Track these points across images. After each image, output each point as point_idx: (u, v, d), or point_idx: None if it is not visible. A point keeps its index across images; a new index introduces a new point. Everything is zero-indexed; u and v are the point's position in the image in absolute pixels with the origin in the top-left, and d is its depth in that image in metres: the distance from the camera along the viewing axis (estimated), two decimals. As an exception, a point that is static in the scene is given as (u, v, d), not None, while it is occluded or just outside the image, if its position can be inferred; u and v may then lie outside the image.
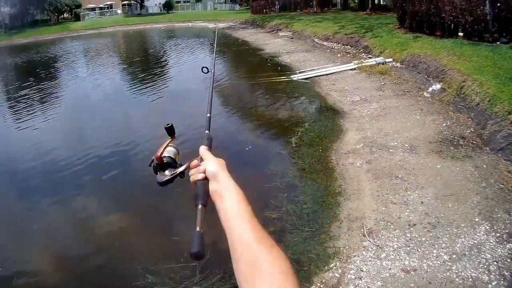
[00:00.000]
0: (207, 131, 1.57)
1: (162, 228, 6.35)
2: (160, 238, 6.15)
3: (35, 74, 21.42)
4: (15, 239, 6.56)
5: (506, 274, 4.16)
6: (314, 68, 14.71)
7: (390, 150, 7.11)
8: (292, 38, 25.57)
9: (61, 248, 6.23)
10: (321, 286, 4.73)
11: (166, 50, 30.88)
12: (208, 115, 1.66)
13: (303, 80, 13.50)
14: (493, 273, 4.21)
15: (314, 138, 8.14)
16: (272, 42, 25.20)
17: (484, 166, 6.05)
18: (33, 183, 8.28)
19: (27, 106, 14.55)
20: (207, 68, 2.06)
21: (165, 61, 25.01)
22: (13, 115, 13.79)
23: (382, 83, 11.46)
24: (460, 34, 12.97)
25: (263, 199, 6.46)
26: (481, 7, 11.94)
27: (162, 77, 18.47)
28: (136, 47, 36.76)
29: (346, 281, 4.67)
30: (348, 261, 4.93)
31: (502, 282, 4.09)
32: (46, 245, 6.35)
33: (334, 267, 4.90)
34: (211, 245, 5.74)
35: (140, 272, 5.36)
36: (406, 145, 7.18)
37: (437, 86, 9.93)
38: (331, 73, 13.61)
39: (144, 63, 24.04)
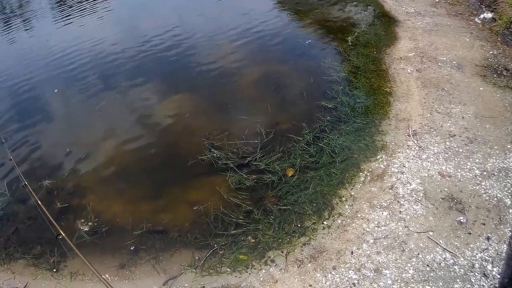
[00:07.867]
0: None
1: (227, 109, 6.24)
2: (224, 117, 6.08)
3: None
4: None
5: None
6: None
7: (439, 64, 6.68)
8: None
9: (134, 125, 6.27)
10: (368, 174, 4.76)
11: None
12: None
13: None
14: (516, 200, 4.10)
15: (369, 40, 7.58)
16: None
17: (523, 101, 5.85)
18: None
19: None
20: None
21: None
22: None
23: (437, 0, 10.51)
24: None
25: (321, 89, 6.30)
26: None
27: None
28: None
29: (389, 173, 4.68)
30: (393, 155, 4.91)
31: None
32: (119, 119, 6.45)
33: (380, 159, 4.89)
34: (275, 124, 5.72)
35: (206, 146, 5.39)
36: (454, 62, 6.71)
37: (489, 15, 9.07)
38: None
39: None
